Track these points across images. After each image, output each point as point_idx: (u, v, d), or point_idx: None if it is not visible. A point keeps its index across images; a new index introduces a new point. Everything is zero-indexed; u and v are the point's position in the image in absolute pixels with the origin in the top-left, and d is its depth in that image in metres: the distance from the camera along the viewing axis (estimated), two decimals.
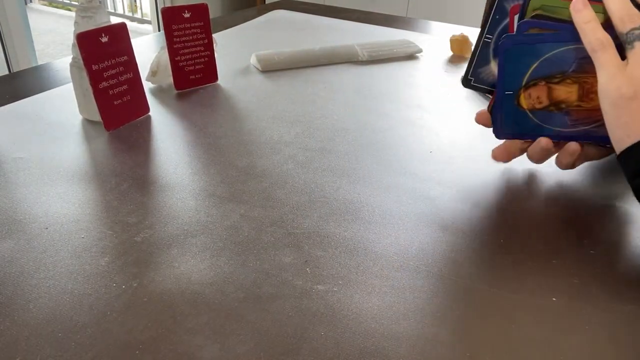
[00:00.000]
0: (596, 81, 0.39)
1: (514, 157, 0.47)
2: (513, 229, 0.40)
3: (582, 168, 0.48)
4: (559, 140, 0.44)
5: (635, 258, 0.37)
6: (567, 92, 0.42)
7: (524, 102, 0.43)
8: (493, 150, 0.47)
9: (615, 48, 0.38)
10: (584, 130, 0.43)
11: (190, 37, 0.61)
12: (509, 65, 0.43)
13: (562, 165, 0.44)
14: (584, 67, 0.40)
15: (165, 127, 0.54)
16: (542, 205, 0.43)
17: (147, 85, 0.63)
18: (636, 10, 0.38)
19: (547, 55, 0.41)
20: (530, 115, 0.44)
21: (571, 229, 0.40)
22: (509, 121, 0.44)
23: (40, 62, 2.55)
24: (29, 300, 0.31)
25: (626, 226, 0.41)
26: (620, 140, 0.37)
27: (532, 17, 0.41)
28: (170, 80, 0.63)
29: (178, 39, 0.60)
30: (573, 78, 0.41)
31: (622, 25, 0.38)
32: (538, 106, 0.43)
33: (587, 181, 0.47)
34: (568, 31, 0.40)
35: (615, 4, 0.38)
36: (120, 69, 0.52)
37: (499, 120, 0.45)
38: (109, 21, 0.51)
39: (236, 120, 0.56)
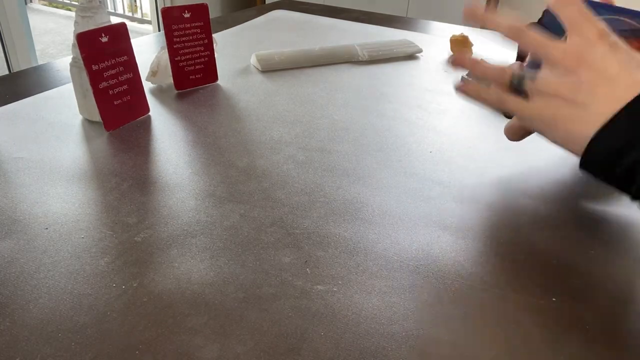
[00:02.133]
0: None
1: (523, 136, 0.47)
2: (513, 229, 0.40)
3: None
4: None
5: (635, 258, 0.37)
6: None
7: None
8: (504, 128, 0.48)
9: (512, 97, 0.41)
10: None
11: (190, 37, 0.61)
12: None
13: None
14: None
15: (165, 127, 0.54)
16: (542, 205, 0.43)
17: (147, 85, 0.63)
18: (498, 66, 0.42)
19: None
20: None
21: (571, 229, 0.40)
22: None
23: (40, 62, 2.55)
24: (29, 300, 0.31)
25: (626, 226, 0.41)
26: (577, 152, 0.38)
27: None
28: (170, 80, 0.63)
29: (178, 39, 0.60)
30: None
31: (502, 82, 0.41)
32: None
33: (587, 181, 0.47)
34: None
35: (483, 71, 0.43)
36: (120, 69, 0.52)
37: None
38: (109, 21, 0.51)
39: (236, 120, 0.56)
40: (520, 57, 0.44)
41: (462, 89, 0.45)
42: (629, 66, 0.36)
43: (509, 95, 0.41)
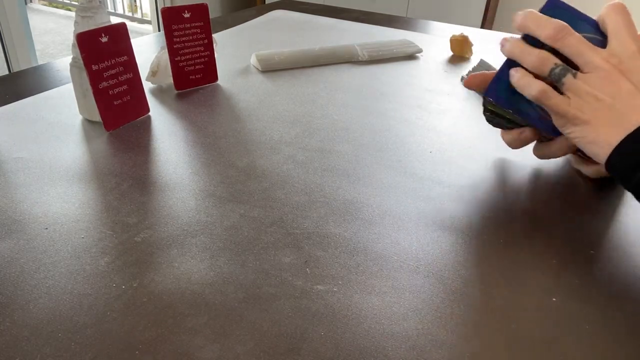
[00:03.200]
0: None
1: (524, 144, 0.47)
2: (513, 229, 0.40)
3: None
4: (539, 128, 0.45)
5: (635, 258, 0.37)
6: None
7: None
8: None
9: (553, 89, 0.41)
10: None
11: (190, 37, 0.61)
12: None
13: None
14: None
15: (165, 127, 0.54)
16: (542, 205, 0.43)
17: (147, 85, 0.63)
18: (544, 52, 0.41)
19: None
20: None
21: (571, 229, 0.40)
22: (506, 85, 0.45)
23: (40, 62, 2.55)
24: (29, 300, 0.31)
25: (626, 226, 0.41)
26: (598, 155, 0.40)
27: None
28: (170, 80, 0.63)
29: (178, 39, 0.60)
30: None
31: (542, 70, 0.41)
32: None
33: (587, 181, 0.47)
34: (592, 24, 0.42)
35: (521, 52, 0.42)
36: (120, 69, 0.52)
37: (498, 82, 0.45)
38: (109, 21, 0.51)
39: (236, 120, 0.56)
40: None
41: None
42: None
43: (550, 88, 0.41)
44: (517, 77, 0.43)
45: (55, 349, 0.28)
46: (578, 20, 0.42)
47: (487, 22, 2.42)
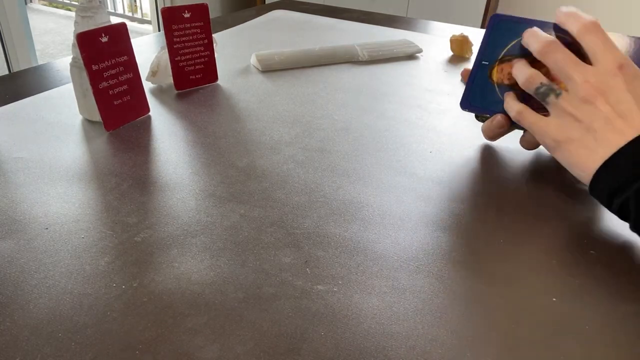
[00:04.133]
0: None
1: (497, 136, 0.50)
2: (513, 229, 0.40)
3: None
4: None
5: (635, 258, 0.37)
6: None
7: (495, 76, 0.48)
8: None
9: (531, 110, 0.44)
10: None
11: (190, 37, 0.61)
12: (493, 36, 0.47)
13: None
14: None
15: (165, 127, 0.54)
16: (542, 205, 0.43)
17: (147, 85, 0.63)
18: (533, 70, 0.44)
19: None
20: (497, 89, 0.48)
21: (571, 229, 0.40)
22: (477, 92, 0.49)
23: (40, 62, 2.55)
24: (29, 300, 0.31)
25: (626, 226, 0.40)
26: (581, 177, 0.41)
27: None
28: (170, 80, 0.63)
29: (178, 39, 0.60)
30: (541, 63, 0.44)
31: (529, 87, 0.43)
32: (506, 82, 0.48)
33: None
34: (547, 26, 0.45)
35: (515, 70, 0.45)
36: (120, 69, 0.52)
37: (469, 91, 0.49)
38: (109, 21, 0.51)
39: (236, 120, 0.56)
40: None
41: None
42: None
43: (527, 108, 0.44)
44: (505, 100, 0.47)
45: (55, 349, 0.28)
46: (526, 26, 0.45)
47: (487, 22, 2.41)
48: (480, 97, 0.49)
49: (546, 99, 0.42)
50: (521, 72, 0.44)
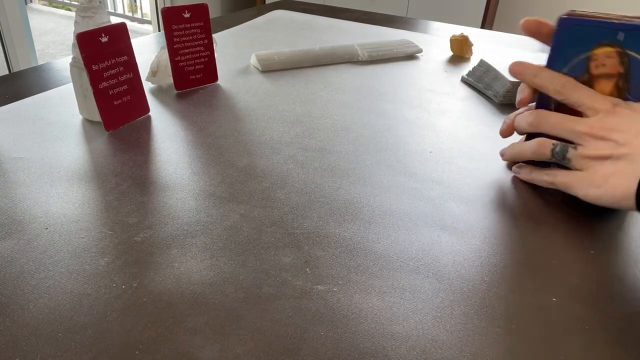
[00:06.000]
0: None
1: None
2: (513, 229, 0.40)
3: None
4: None
5: (635, 258, 0.37)
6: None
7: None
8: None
9: (559, 169, 0.43)
10: None
11: (190, 37, 0.61)
12: (559, 42, 0.43)
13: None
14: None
15: (165, 127, 0.54)
16: (542, 205, 0.43)
17: (147, 85, 0.63)
18: (538, 137, 0.43)
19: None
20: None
21: (571, 229, 0.40)
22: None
23: (40, 62, 2.55)
24: (29, 300, 0.31)
25: (626, 226, 0.41)
26: (629, 205, 0.38)
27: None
28: (170, 80, 0.63)
29: (178, 39, 0.60)
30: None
31: (543, 153, 0.43)
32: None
33: None
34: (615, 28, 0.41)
35: (523, 154, 0.45)
36: (120, 69, 0.52)
37: None
38: (109, 21, 0.51)
39: (236, 120, 0.56)
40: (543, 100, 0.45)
41: (518, 175, 0.47)
42: None
43: (558, 171, 0.43)
44: (522, 174, 0.46)
45: (55, 349, 0.28)
46: (600, 30, 0.41)
47: (487, 22, 2.42)
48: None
49: (566, 155, 0.41)
50: (527, 147, 0.44)
